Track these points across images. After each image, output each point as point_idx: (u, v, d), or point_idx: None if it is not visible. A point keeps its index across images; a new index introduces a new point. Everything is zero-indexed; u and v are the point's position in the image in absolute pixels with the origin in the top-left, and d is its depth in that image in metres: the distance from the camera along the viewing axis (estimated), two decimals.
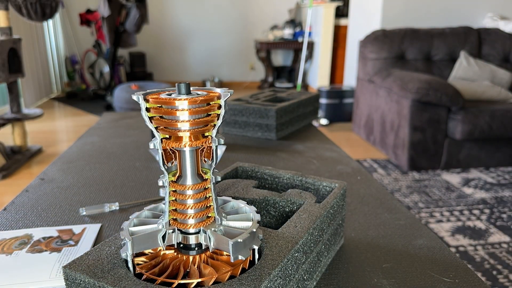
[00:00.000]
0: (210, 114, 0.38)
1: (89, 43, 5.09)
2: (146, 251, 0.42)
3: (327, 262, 0.53)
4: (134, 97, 0.37)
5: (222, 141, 0.39)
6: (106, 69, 4.70)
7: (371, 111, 3.13)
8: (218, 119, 0.38)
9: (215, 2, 5.44)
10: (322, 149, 1.04)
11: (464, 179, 2.52)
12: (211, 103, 0.37)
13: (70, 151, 1.05)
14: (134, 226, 0.42)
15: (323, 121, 3.79)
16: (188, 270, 0.39)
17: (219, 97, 0.38)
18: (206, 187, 0.40)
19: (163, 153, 0.38)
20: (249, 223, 0.42)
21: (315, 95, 1.30)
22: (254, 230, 0.40)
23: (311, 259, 0.47)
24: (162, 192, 0.78)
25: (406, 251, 0.57)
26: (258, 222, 0.43)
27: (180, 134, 0.37)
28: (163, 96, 0.38)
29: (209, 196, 0.40)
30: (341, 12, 4.90)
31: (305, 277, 0.45)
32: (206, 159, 0.41)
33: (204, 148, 0.40)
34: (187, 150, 0.39)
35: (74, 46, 5.31)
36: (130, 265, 0.38)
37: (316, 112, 1.33)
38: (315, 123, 3.67)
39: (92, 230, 0.64)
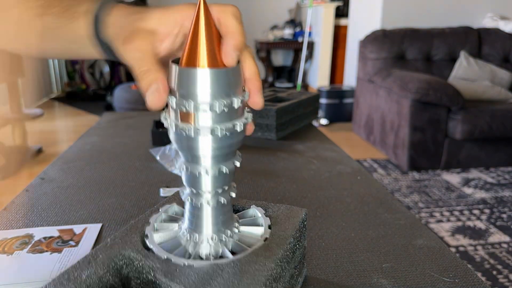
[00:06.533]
0: None
1: None
2: None
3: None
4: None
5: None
6: (106, 69, 4.70)
7: (371, 111, 3.13)
8: None
9: (215, 2, 5.44)
10: (322, 149, 1.05)
11: (464, 179, 2.52)
12: None
13: (70, 151, 1.05)
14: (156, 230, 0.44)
15: (323, 121, 3.79)
16: None
17: None
18: None
19: None
20: (261, 229, 0.42)
21: (315, 95, 1.30)
22: (268, 236, 0.41)
23: None
24: (162, 192, 0.78)
25: (406, 251, 0.57)
26: (270, 227, 0.43)
27: None
28: None
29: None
30: (341, 12, 4.90)
31: None
32: None
33: None
34: None
35: None
36: None
37: (316, 112, 1.33)
38: (315, 123, 3.67)
39: (93, 230, 0.64)
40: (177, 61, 0.36)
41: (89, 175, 0.88)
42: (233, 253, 0.40)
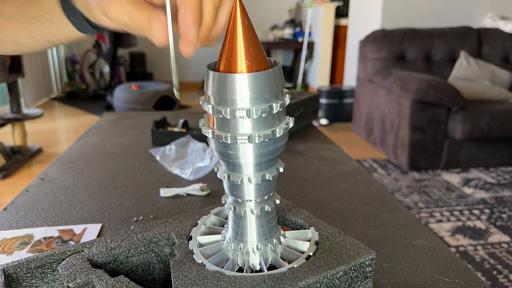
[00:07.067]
0: None
1: (89, 43, 5.09)
2: None
3: None
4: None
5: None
6: (106, 69, 4.70)
7: (371, 111, 3.13)
8: None
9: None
10: (322, 149, 1.04)
11: (464, 179, 2.52)
12: None
13: (70, 151, 1.05)
14: (202, 235, 0.43)
15: (323, 121, 3.79)
16: None
17: None
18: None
19: None
20: (306, 244, 0.40)
21: (315, 95, 1.30)
22: (311, 254, 0.39)
23: None
24: (162, 192, 0.78)
25: (406, 251, 0.57)
26: (317, 242, 0.41)
27: None
28: None
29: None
30: (341, 12, 4.90)
31: None
32: None
33: None
34: None
35: (74, 46, 5.31)
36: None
37: (316, 112, 1.33)
38: (315, 123, 3.67)
39: (92, 230, 0.64)
40: (213, 67, 0.35)
41: (89, 175, 0.88)
42: (273, 266, 0.39)
